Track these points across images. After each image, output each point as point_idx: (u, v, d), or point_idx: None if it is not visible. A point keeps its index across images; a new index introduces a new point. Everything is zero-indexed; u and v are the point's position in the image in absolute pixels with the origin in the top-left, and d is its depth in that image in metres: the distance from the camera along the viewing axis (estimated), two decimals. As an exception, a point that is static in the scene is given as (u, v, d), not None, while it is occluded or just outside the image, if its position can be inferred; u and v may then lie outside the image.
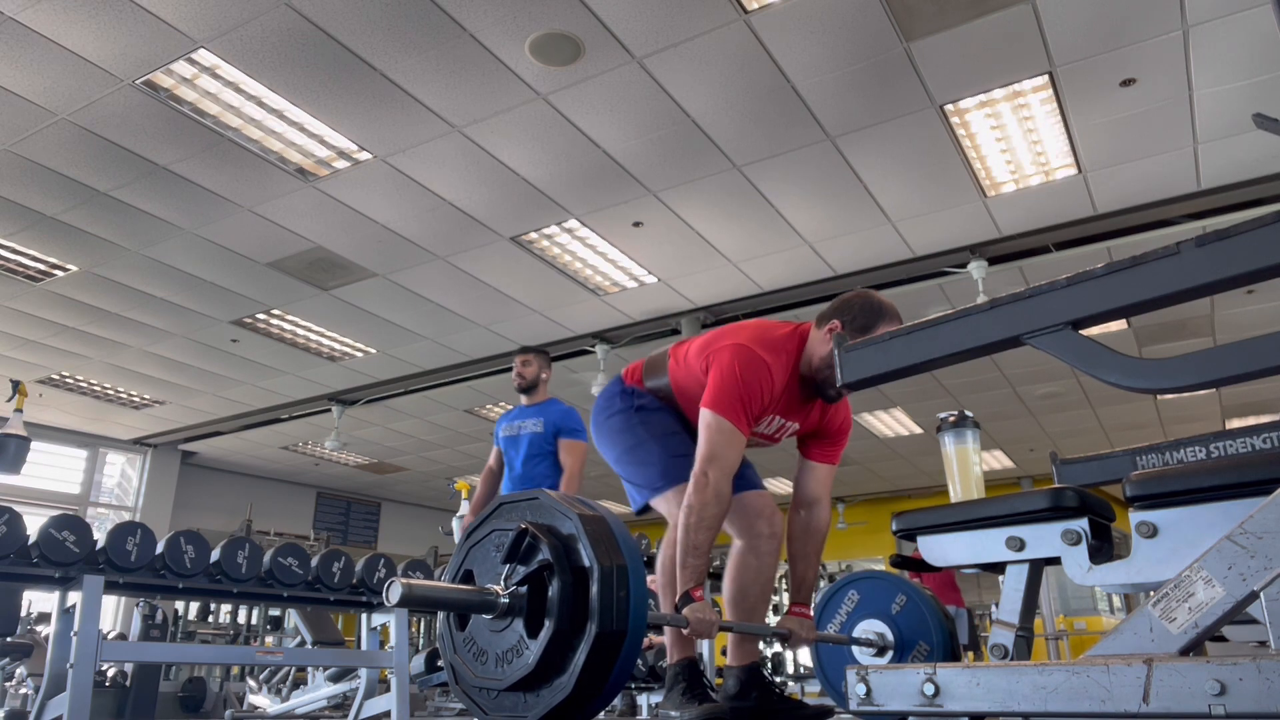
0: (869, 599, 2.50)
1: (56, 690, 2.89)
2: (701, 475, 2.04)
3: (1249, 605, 1.12)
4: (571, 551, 1.44)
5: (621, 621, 1.39)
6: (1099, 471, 2.73)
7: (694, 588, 1.99)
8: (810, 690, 8.48)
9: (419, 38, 4.05)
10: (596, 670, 1.37)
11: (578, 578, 1.42)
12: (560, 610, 1.39)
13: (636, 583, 1.42)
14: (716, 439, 2.07)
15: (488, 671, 1.48)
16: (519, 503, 1.56)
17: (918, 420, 9.80)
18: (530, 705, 1.43)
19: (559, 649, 1.39)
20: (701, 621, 1.96)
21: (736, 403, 2.09)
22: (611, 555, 1.42)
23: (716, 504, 2.02)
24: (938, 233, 5.87)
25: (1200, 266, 1.25)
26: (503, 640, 1.46)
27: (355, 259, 6.19)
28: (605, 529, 1.46)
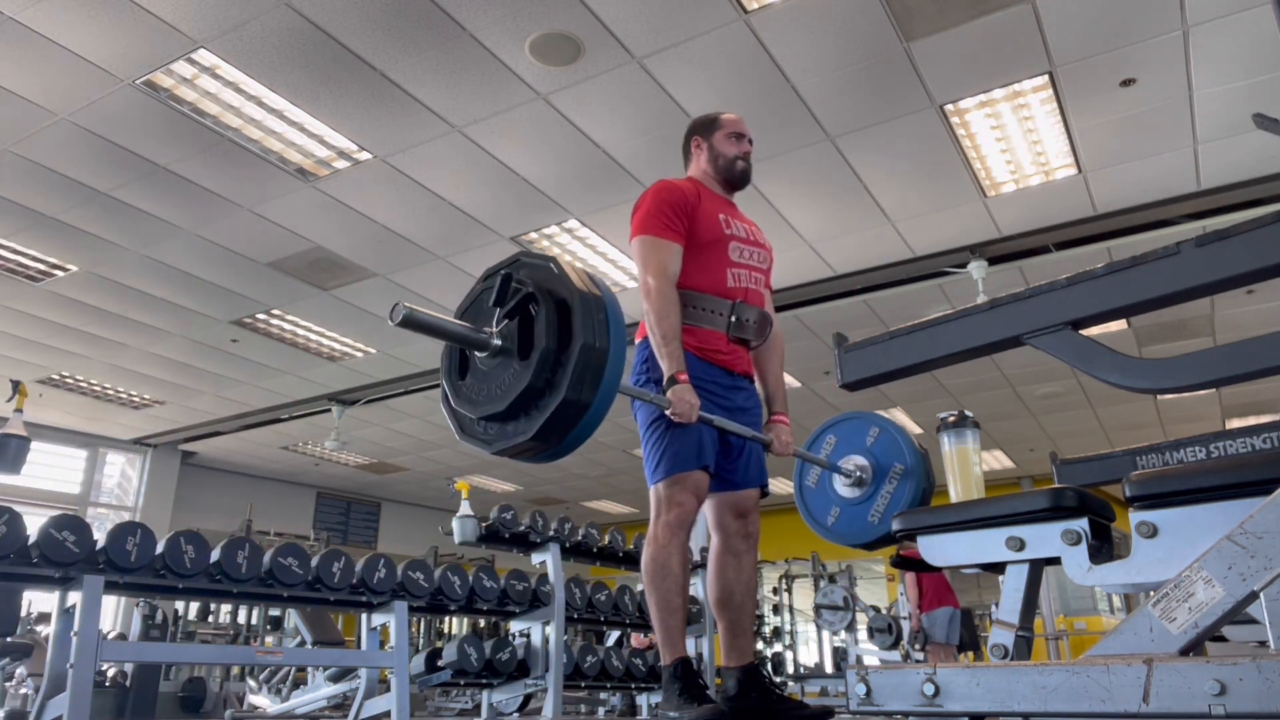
0: (845, 439, 2.65)
1: (56, 690, 2.88)
2: (644, 284, 2.29)
3: (1249, 605, 1.12)
4: (553, 289, 1.59)
5: (603, 338, 1.53)
6: (1099, 471, 2.73)
7: (678, 371, 2.14)
8: (810, 690, 8.48)
9: (419, 38, 4.05)
10: (584, 379, 1.52)
11: (561, 306, 1.57)
12: (548, 331, 1.54)
13: (613, 310, 1.57)
14: (643, 250, 2.32)
15: (488, 401, 1.63)
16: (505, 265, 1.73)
17: (918, 420, 9.80)
18: (529, 421, 1.58)
19: (550, 366, 1.54)
20: (682, 400, 2.09)
21: (653, 217, 2.33)
22: (589, 286, 1.57)
23: (662, 300, 2.24)
24: (938, 233, 5.87)
25: (1200, 266, 1.25)
26: (499, 373, 1.62)
27: (355, 259, 6.19)
28: (583, 271, 1.63)
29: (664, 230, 2.32)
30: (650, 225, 2.33)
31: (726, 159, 2.52)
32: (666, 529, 2.20)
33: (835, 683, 8.35)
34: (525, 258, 1.70)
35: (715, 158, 2.52)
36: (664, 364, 2.18)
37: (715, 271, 2.36)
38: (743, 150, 2.53)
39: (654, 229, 2.32)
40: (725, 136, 2.52)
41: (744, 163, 2.53)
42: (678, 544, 2.21)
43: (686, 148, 2.61)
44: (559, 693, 3.94)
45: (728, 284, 2.37)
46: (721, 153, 2.52)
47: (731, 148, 2.52)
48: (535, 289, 1.57)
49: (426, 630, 9.77)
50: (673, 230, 2.32)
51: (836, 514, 2.61)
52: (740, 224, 2.48)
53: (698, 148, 2.57)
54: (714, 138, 2.53)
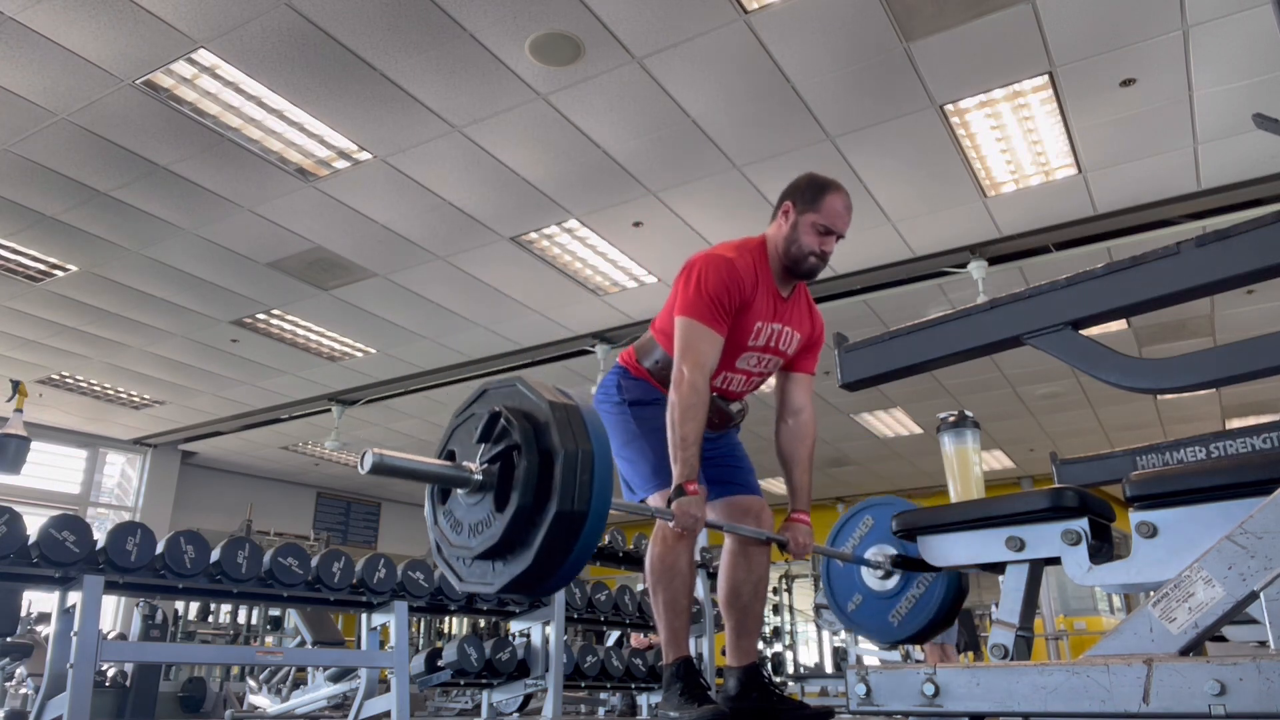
0: (882, 523, 2.51)
1: (56, 690, 2.88)
2: (678, 372, 2.13)
3: (1249, 605, 1.12)
4: (541, 435, 1.53)
5: (583, 503, 1.47)
6: (1099, 471, 2.73)
7: (687, 480, 2.04)
8: (810, 690, 8.48)
9: (419, 38, 4.05)
10: (556, 546, 1.47)
11: (544, 459, 1.50)
12: (524, 488, 1.48)
13: (601, 468, 1.50)
14: (687, 335, 2.16)
15: (462, 540, 1.59)
16: (501, 389, 1.66)
17: (918, 420, 9.80)
18: (497, 573, 1.54)
19: (523, 524, 1.49)
20: (686, 514, 2.00)
21: (702, 303, 2.17)
22: (578, 440, 1.50)
23: (694, 395, 2.10)
24: (938, 233, 5.87)
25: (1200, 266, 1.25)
26: (475, 513, 1.58)
27: (355, 259, 6.19)
28: (575, 416, 1.55)
29: (712, 319, 2.16)
30: (700, 309, 2.16)
31: (800, 250, 2.27)
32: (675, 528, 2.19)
33: (835, 683, 8.36)
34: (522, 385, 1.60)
35: (791, 242, 2.28)
36: (675, 469, 2.06)
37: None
38: (823, 249, 2.27)
39: (703, 315, 2.16)
40: (814, 226, 2.26)
41: (816, 260, 2.28)
42: (686, 544, 2.19)
43: (779, 205, 2.35)
44: (559, 693, 3.94)
45: (716, 383, 2.29)
46: (799, 240, 2.27)
47: (813, 241, 2.26)
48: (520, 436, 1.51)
49: (426, 630, 9.77)
50: (721, 321, 2.18)
51: (859, 601, 2.52)
52: (773, 326, 2.31)
53: (785, 215, 2.31)
54: (804, 218, 2.27)
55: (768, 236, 2.36)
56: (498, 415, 1.55)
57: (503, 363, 8.13)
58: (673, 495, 2.04)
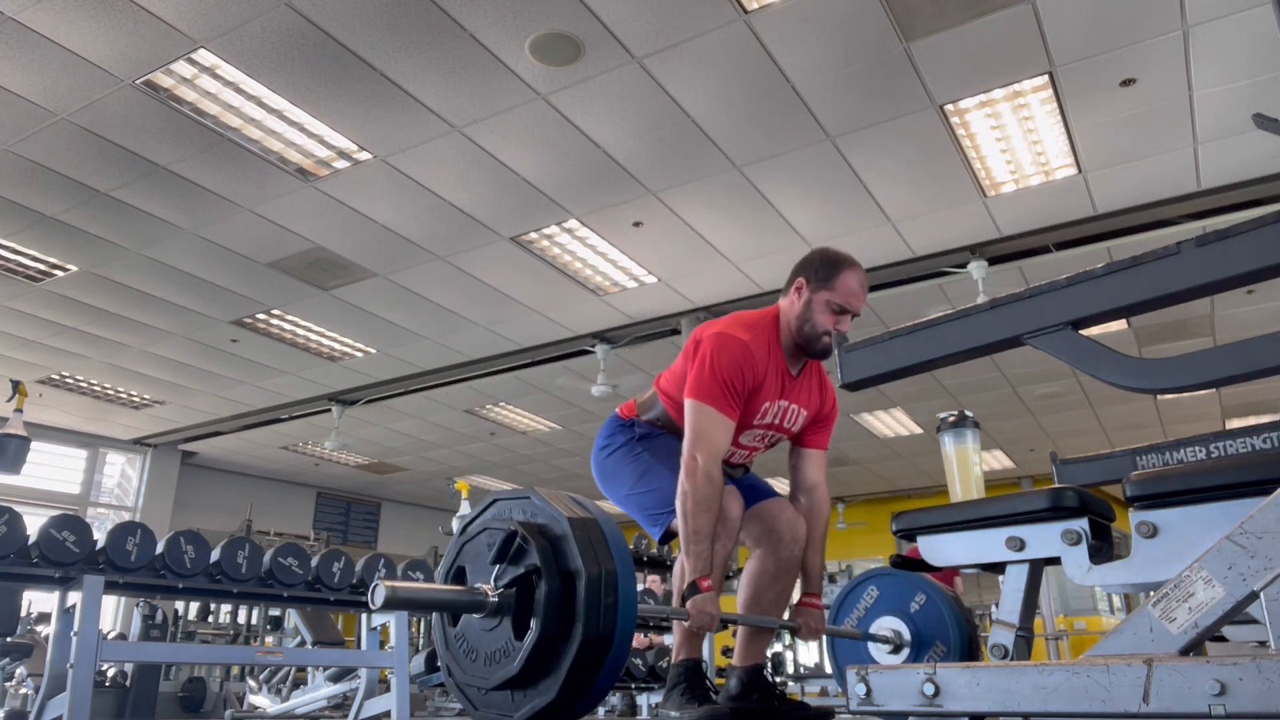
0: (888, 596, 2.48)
1: (56, 690, 2.89)
2: (690, 459, 2.05)
3: (1249, 605, 1.12)
4: (560, 554, 1.43)
5: (608, 626, 1.38)
6: (1099, 471, 2.73)
7: (701, 577, 1.98)
8: (810, 690, 8.48)
9: (419, 38, 4.05)
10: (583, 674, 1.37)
11: (565, 581, 1.41)
12: (547, 614, 1.38)
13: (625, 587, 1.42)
14: (700, 421, 2.09)
15: (476, 670, 1.48)
16: (512, 500, 1.56)
17: (918, 420, 9.80)
18: (518, 704, 1.43)
19: (545, 652, 1.39)
20: (701, 614, 1.94)
21: (716, 386, 2.11)
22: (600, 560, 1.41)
23: (708, 485, 2.02)
24: (938, 233, 5.87)
25: (1200, 266, 1.25)
26: (491, 640, 1.47)
27: (355, 259, 6.19)
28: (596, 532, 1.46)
29: (725, 404, 2.10)
30: (714, 394, 2.10)
31: (813, 330, 2.20)
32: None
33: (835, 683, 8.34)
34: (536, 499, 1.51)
35: (805, 321, 2.21)
36: (688, 565, 2.00)
37: None
38: (837, 329, 2.19)
39: (716, 400, 2.10)
40: (828, 304, 2.19)
41: (829, 341, 2.19)
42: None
43: (792, 278, 2.28)
44: (559, 693, 3.93)
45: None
46: (812, 319, 2.20)
47: (827, 321, 2.19)
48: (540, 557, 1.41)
49: (426, 630, 9.76)
50: (734, 406, 2.12)
51: None
52: (780, 403, 2.25)
53: (798, 291, 2.24)
54: (818, 296, 2.20)
55: (780, 310, 2.29)
56: (514, 534, 1.46)
57: (503, 362, 8.13)
58: (686, 593, 1.99)
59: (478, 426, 10.25)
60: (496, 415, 9.87)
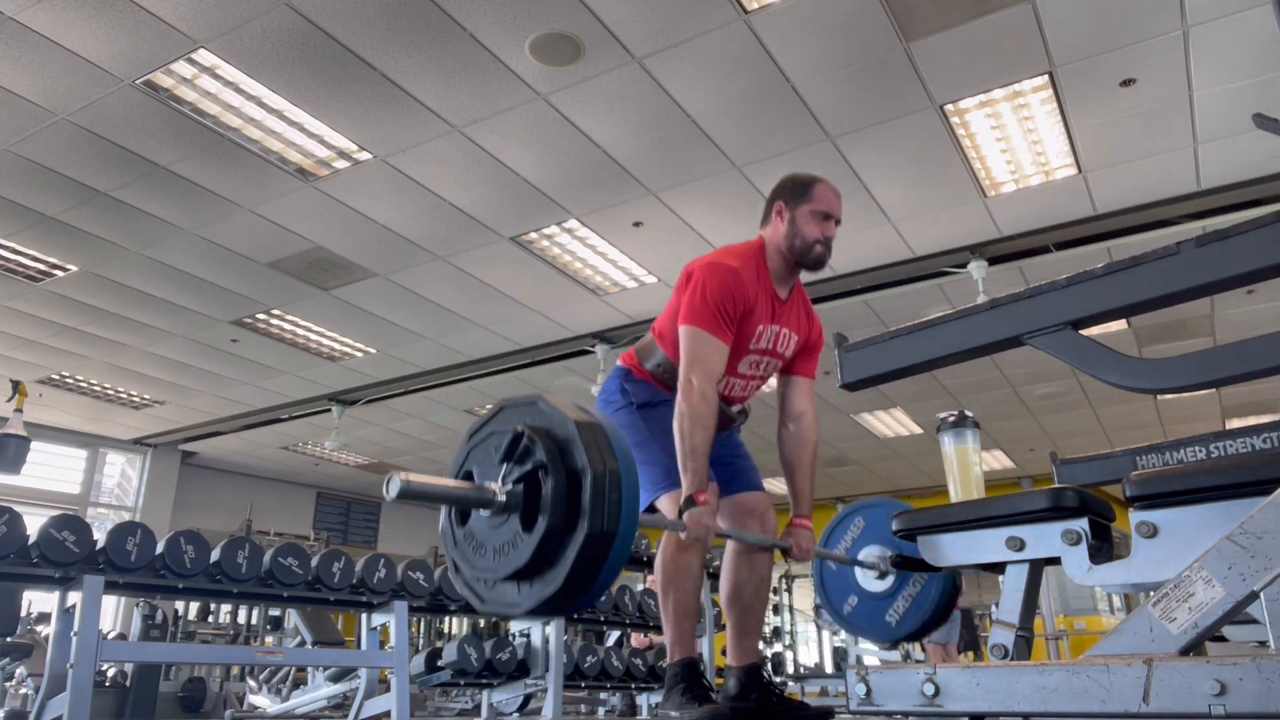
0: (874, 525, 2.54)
1: (56, 690, 2.88)
2: (686, 382, 2.13)
3: (1249, 605, 1.12)
4: (566, 454, 1.49)
5: (612, 522, 1.45)
6: (1099, 471, 2.73)
7: (697, 491, 2.04)
8: (810, 690, 8.48)
9: (419, 38, 4.05)
10: (586, 567, 1.44)
11: (571, 479, 1.47)
12: (554, 509, 1.45)
13: (628, 486, 1.48)
14: (693, 345, 2.16)
15: (485, 563, 1.56)
16: (519, 406, 1.62)
17: (918, 420, 9.80)
18: (524, 595, 1.50)
19: (552, 545, 1.46)
20: (698, 524, 2.01)
21: (708, 311, 2.17)
22: (605, 459, 1.47)
23: (704, 404, 2.10)
24: (938, 233, 5.87)
25: (1200, 266, 1.25)
26: (499, 535, 1.54)
27: (355, 259, 6.19)
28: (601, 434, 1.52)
29: (718, 327, 2.17)
30: (705, 318, 2.17)
31: (805, 242, 2.29)
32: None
33: (835, 683, 8.36)
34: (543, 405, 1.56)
35: (793, 236, 2.30)
36: (685, 479, 2.06)
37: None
38: (826, 235, 2.30)
39: (708, 324, 2.16)
40: (812, 214, 2.29)
41: (822, 249, 2.30)
42: (697, 546, 2.18)
43: (770, 206, 2.38)
44: (559, 693, 3.94)
45: (719, 389, 2.27)
46: (801, 232, 2.29)
47: (814, 229, 2.29)
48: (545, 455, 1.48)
49: (426, 630, 9.76)
50: (726, 329, 2.18)
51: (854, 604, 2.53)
52: (772, 328, 2.32)
53: (779, 214, 2.34)
54: (799, 210, 2.30)
55: (764, 239, 2.37)
56: (520, 435, 1.52)
57: (503, 362, 8.13)
58: (683, 506, 2.04)
59: (478, 426, 10.24)
60: (496, 415, 9.85)
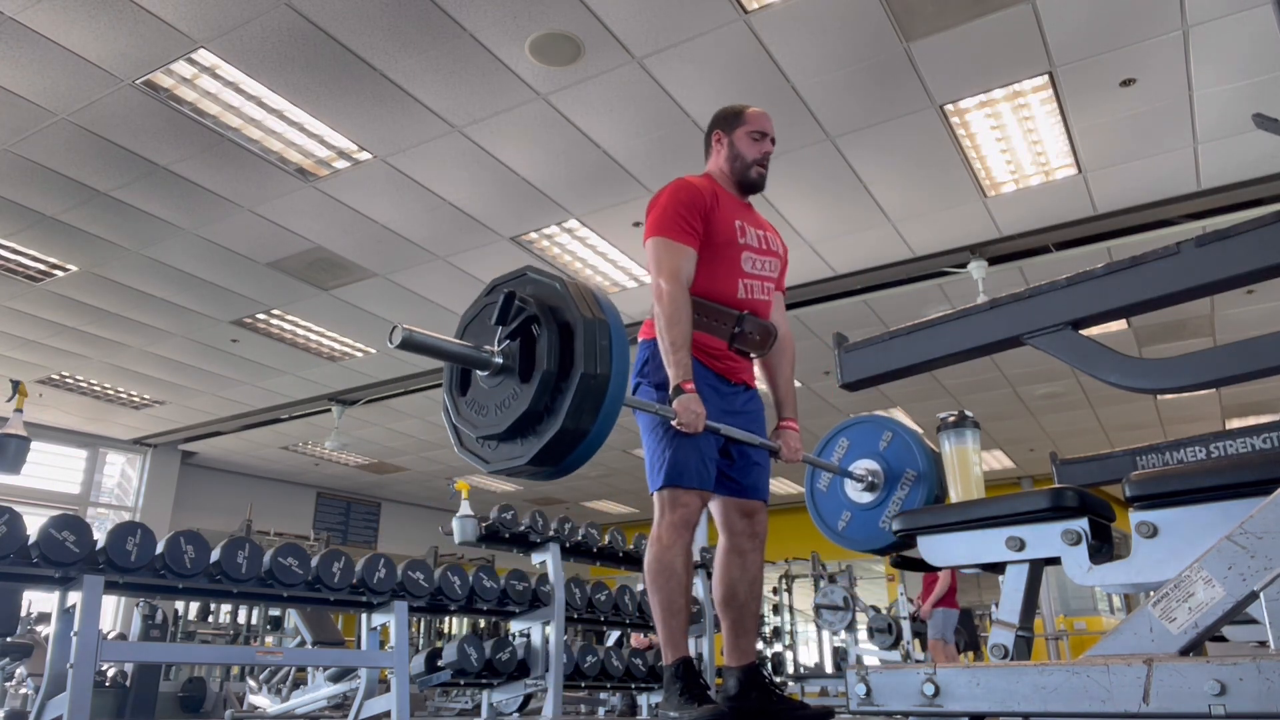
0: (858, 442, 2.60)
1: (56, 690, 2.88)
2: (657, 287, 2.23)
3: (1249, 605, 1.12)
4: (556, 310, 1.56)
5: (605, 365, 1.51)
6: (1099, 471, 2.73)
7: (684, 380, 2.10)
8: (810, 690, 8.48)
9: (419, 38, 4.05)
10: (584, 409, 1.51)
11: (564, 330, 1.54)
12: (549, 356, 1.52)
13: (617, 335, 1.55)
14: (660, 252, 2.26)
15: (487, 420, 1.62)
16: (510, 280, 1.68)
17: (918, 420, 9.79)
18: (526, 446, 1.57)
19: (550, 390, 1.52)
20: (689, 410, 2.06)
21: (667, 218, 2.27)
22: (594, 310, 1.55)
23: (673, 305, 2.18)
24: (938, 233, 5.87)
25: (1200, 266, 1.25)
26: (499, 393, 1.61)
27: (355, 259, 6.19)
28: (588, 291, 1.59)
29: (679, 233, 2.26)
30: (666, 227, 2.27)
31: (744, 162, 2.44)
32: (671, 529, 2.19)
33: (835, 683, 8.35)
34: (532, 273, 1.66)
35: (733, 158, 2.45)
36: (671, 372, 2.13)
37: (727, 280, 2.33)
38: (762, 152, 2.44)
39: (669, 231, 2.26)
40: (747, 135, 2.44)
41: (760, 169, 2.45)
42: (682, 545, 2.20)
43: (708, 141, 2.53)
44: (559, 693, 3.94)
45: (738, 294, 2.34)
46: (740, 153, 2.44)
47: (751, 149, 2.43)
48: (538, 310, 1.54)
49: (426, 630, 9.76)
50: (688, 233, 2.27)
51: (848, 519, 2.58)
52: (755, 231, 2.42)
53: (718, 142, 2.49)
54: (735, 134, 2.45)
55: (710, 171, 2.50)
56: (513, 295, 1.58)
57: (503, 363, 8.13)
58: (671, 395, 2.10)
59: (478, 426, 10.25)
60: (496, 415, 9.86)
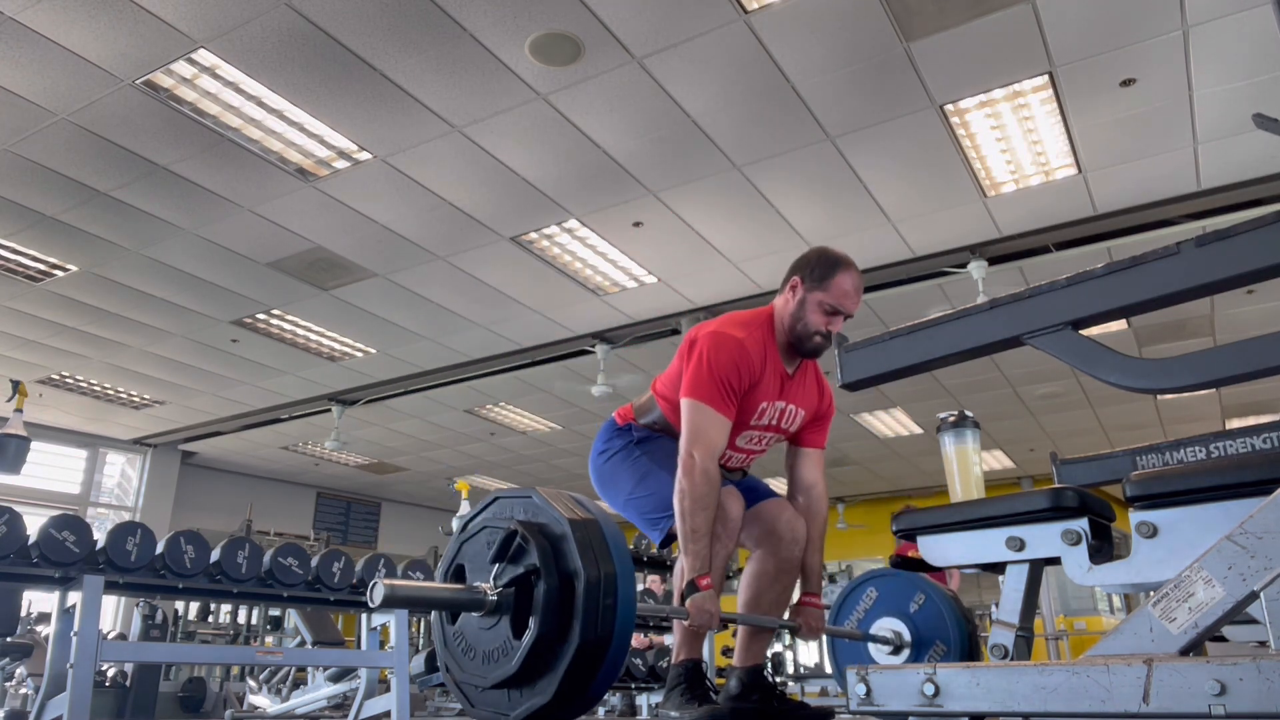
0: (887, 596, 2.49)
1: (56, 690, 2.89)
2: (688, 457, 2.06)
3: (1249, 605, 1.12)
4: (560, 554, 1.43)
5: (606, 628, 1.39)
6: (1099, 471, 2.73)
7: (700, 576, 1.98)
8: (810, 690, 8.48)
9: (419, 38, 4.05)
10: (580, 674, 1.38)
11: (564, 582, 1.41)
12: (545, 615, 1.39)
13: (624, 589, 1.42)
14: (696, 419, 2.10)
15: (474, 668, 1.49)
16: (513, 499, 1.56)
17: (918, 420, 9.80)
18: (514, 703, 1.44)
19: (543, 653, 1.39)
20: (701, 611, 1.94)
21: (712, 384, 2.11)
22: (600, 562, 1.41)
23: (705, 483, 2.03)
24: (938, 233, 5.87)
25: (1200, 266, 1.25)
26: (490, 638, 1.47)
27: (355, 259, 6.19)
28: (596, 533, 1.45)
29: (721, 404, 2.10)
30: (709, 393, 2.10)
31: (805, 330, 2.21)
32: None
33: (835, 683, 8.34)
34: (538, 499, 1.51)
35: (797, 320, 2.22)
36: (687, 563, 2.00)
37: None
38: (829, 329, 2.20)
39: (713, 399, 2.10)
40: (821, 305, 2.20)
41: (822, 340, 2.22)
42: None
43: (787, 277, 2.29)
44: (559, 693, 3.93)
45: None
46: (805, 319, 2.21)
47: (820, 321, 2.20)
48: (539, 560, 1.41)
49: (426, 630, 9.76)
50: (729, 405, 2.12)
51: None
52: (777, 404, 2.26)
53: (793, 290, 2.25)
54: (811, 296, 2.21)
55: (775, 310, 2.30)
56: (514, 534, 1.46)
57: (503, 362, 8.13)
58: (685, 592, 1.99)
59: (478, 426, 10.25)
60: (496, 415, 9.87)
